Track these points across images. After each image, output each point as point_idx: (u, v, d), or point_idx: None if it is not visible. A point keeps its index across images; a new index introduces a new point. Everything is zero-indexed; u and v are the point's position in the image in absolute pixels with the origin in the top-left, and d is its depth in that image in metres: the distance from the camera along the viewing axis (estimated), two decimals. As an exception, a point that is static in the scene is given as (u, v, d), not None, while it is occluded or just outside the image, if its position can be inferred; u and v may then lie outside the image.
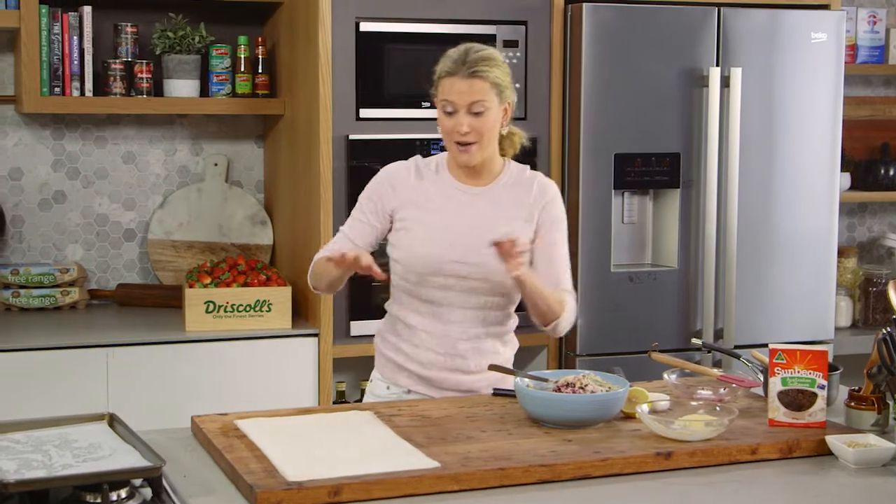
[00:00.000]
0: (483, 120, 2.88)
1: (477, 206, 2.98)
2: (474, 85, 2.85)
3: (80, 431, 2.49)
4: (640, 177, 4.32)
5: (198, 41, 4.31)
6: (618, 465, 2.44)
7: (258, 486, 2.23)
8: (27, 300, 4.34)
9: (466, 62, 2.86)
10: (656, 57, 4.29)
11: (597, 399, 2.63)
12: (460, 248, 2.92)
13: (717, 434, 2.56)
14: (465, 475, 2.33)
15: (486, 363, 2.98)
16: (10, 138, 4.41)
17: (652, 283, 4.35)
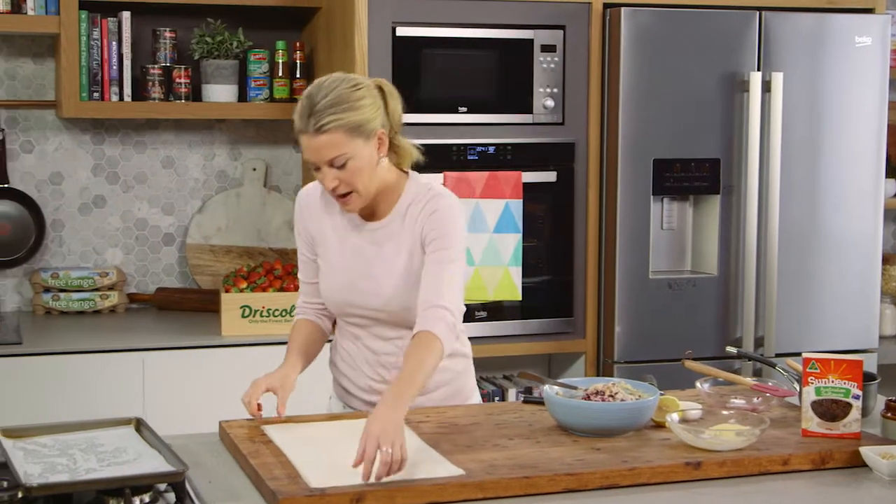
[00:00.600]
0: (349, 170, 2.62)
1: (375, 245, 2.78)
2: (325, 141, 2.59)
3: (106, 436, 2.50)
4: (680, 182, 4.27)
5: (236, 46, 4.31)
6: (645, 474, 2.41)
7: (280, 493, 2.22)
8: (67, 304, 4.36)
9: (312, 115, 2.59)
10: (696, 61, 4.24)
11: (626, 407, 2.60)
12: (360, 292, 2.78)
13: (748, 444, 2.52)
14: (490, 483, 2.31)
15: (430, 384, 2.80)
16: (51, 143, 4.44)
17: (691, 290, 4.30)
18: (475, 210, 4.08)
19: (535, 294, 4.28)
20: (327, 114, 2.58)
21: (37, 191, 4.43)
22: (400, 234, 2.76)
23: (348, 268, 2.80)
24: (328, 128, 2.58)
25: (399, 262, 2.76)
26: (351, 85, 2.64)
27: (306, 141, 2.62)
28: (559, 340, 4.31)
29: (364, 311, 2.81)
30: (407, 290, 2.74)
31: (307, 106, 2.61)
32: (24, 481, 2.16)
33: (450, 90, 4.14)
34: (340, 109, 2.59)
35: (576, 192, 4.27)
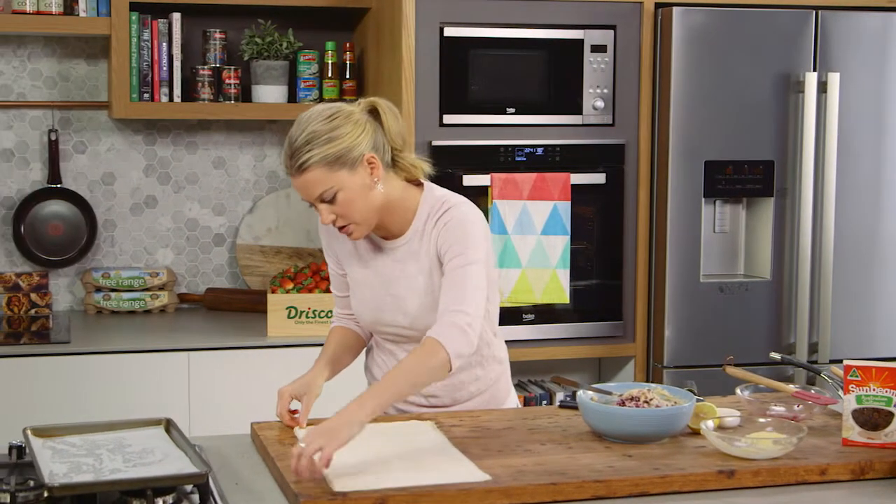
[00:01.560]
0: (341, 202, 2.58)
1: (396, 263, 2.74)
2: (308, 179, 2.56)
3: (135, 436, 2.50)
4: (732, 185, 4.20)
5: (285, 47, 4.32)
6: (677, 482, 2.36)
7: (302, 496, 2.20)
8: (117, 303, 4.39)
9: (292, 155, 2.56)
10: (749, 62, 4.17)
11: (659, 414, 2.55)
12: (386, 311, 2.76)
13: (785, 453, 2.46)
14: (516, 489, 2.28)
15: (462, 395, 2.82)
16: (104, 143, 4.47)
17: (743, 294, 4.23)
18: (522, 212, 4.04)
19: (584, 297, 4.24)
20: (304, 151, 2.55)
21: (89, 191, 4.47)
22: (419, 252, 2.71)
23: (372, 287, 2.77)
24: (307, 165, 2.55)
25: (420, 280, 2.71)
26: (325, 117, 2.59)
27: (293, 181, 2.61)
28: (608, 344, 4.26)
29: (392, 329, 2.78)
30: (431, 307, 2.68)
31: (287, 147, 2.59)
32: (48, 481, 2.16)
33: (498, 91, 4.10)
34: (316, 145, 2.55)
35: (626, 194, 4.21)
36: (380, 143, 2.64)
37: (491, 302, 2.79)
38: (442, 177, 3.95)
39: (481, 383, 2.85)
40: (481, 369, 2.84)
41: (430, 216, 2.70)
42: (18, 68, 4.37)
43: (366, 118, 2.63)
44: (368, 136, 2.60)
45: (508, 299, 4.07)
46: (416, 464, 2.41)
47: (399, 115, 2.72)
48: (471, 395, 2.85)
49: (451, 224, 2.66)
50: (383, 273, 2.76)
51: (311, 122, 2.58)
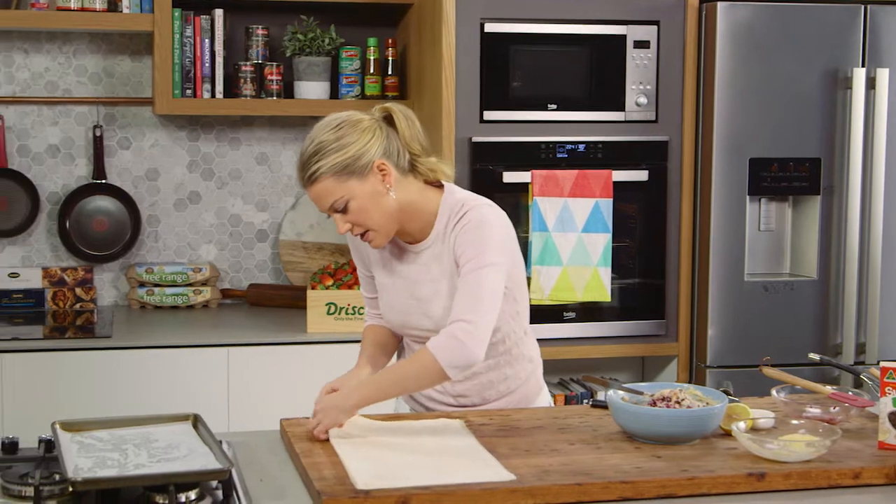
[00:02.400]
0: (353, 211, 2.59)
1: (419, 266, 2.72)
2: (319, 190, 2.58)
3: (162, 431, 2.50)
4: (777, 182, 4.14)
5: (328, 43, 4.31)
6: (705, 484, 2.32)
7: (325, 494, 2.19)
8: (161, 298, 4.41)
9: (302, 168, 2.60)
10: (795, 57, 4.11)
11: (690, 415, 2.51)
12: (411, 315, 2.75)
13: (818, 455, 2.41)
14: (541, 489, 2.25)
15: (492, 393, 2.82)
16: (148, 139, 4.49)
17: (788, 294, 4.17)
18: (563, 209, 4.01)
19: (626, 295, 4.20)
20: (312, 163, 2.57)
21: (133, 187, 4.49)
22: (442, 255, 2.69)
23: (398, 291, 2.77)
24: (316, 176, 2.57)
25: (444, 284, 2.69)
26: (333, 127, 2.60)
27: (308, 192, 2.63)
28: (651, 343, 4.22)
29: (419, 332, 2.77)
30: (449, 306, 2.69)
31: (299, 160, 2.63)
32: (71, 475, 2.16)
33: (539, 87, 4.07)
34: (323, 156, 2.56)
35: (669, 192, 4.17)
36: (393, 150, 2.63)
37: (519, 302, 2.78)
38: (482, 174, 3.98)
39: (511, 382, 2.83)
40: (510, 368, 2.82)
41: (451, 219, 2.68)
42: (64, 65, 4.41)
43: (376, 125, 2.63)
44: (378, 143, 2.60)
45: (549, 297, 4.04)
46: (442, 462, 2.39)
47: (415, 120, 2.71)
48: (500, 393, 2.83)
49: (468, 227, 2.63)
50: (408, 277, 2.75)
51: (319, 132, 2.60)
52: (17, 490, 2.21)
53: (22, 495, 2.20)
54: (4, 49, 4.36)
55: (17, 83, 4.38)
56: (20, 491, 2.21)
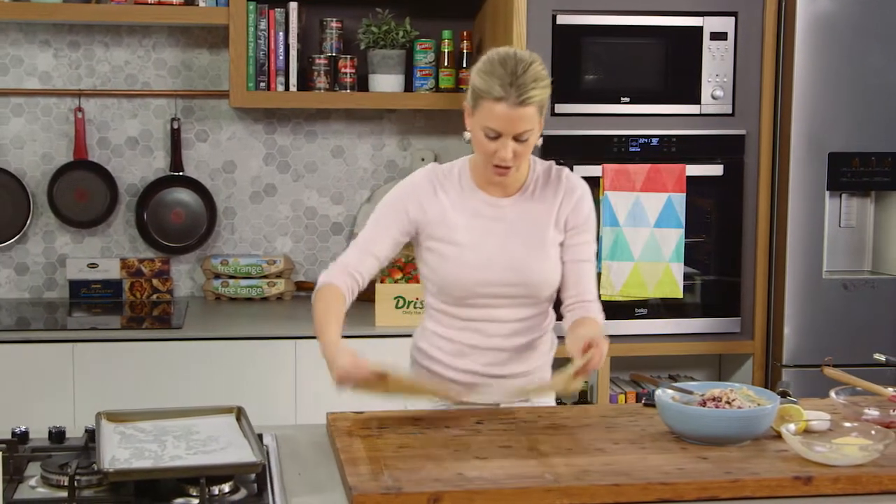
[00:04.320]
0: (527, 145, 2.65)
1: (507, 220, 2.78)
2: (524, 114, 2.59)
3: (205, 423, 2.50)
4: (858, 178, 4.03)
5: (402, 36, 4.30)
6: (749, 487, 2.25)
7: (356, 489, 2.18)
8: (235, 290, 4.44)
9: (515, 85, 2.57)
10: (879, 49, 3.99)
11: (738, 415, 2.44)
12: (495, 269, 2.75)
13: (870, 460, 2.33)
14: (576, 489, 2.21)
15: (525, 368, 2.84)
16: (225, 132, 4.53)
17: (869, 292, 4.05)
18: (635, 204, 3.94)
19: (700, 292, 4.12)
20: (530, 87, 2.59)
21: (210, 179, 4.53)
22: (533, 213, 2.78)
23: (479, 246, 2.76)
24: (531, 101, 2.59)
25: (536, 236, 2.77)
26: (539, 62, 2.66)
27: (502, 110, 2.59)
28: (725, 341, 4.13)
29: (497, 289, 2.76)
30: (545, 263, 2.77)
31: (508, 74, 2.59)
32: (106, 466, 2.18)
33: (612, 80, 4.01)
34: (540, 86, 2.61)
35: (745, 187, 4.07)
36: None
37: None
38: (552, 167, 3.91)
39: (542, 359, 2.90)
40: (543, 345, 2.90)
41: (542, 176, 2.80)
42: (143, 58, 4.46)
43: None
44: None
45: (620, 293, 3.98)
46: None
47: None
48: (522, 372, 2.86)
49: (587, 202, 2.82)
50: (493, 231, 2.77)
51: (531, 62, 2.63)
52: (54, 479, 2.24)
53: (60, 484, 2.22)
54: (86, 43, 4.42)
55: (97, 76, 4.45)
56: (58, 480, 2.23)
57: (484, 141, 2.65)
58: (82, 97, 4.43)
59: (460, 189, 2.80)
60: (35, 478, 2.27)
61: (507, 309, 2.80)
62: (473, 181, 2.80)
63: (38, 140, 4.43)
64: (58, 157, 4.44)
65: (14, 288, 4.47)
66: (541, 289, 2.78)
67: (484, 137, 2.64)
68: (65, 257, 4.47)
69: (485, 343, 2.81)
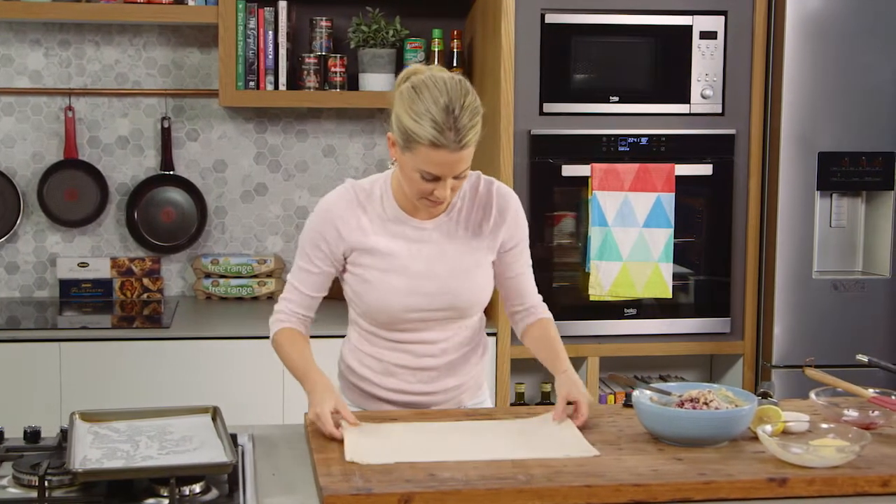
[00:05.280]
0: (462, 178, 2.55)
1: (432, 242, 2.67)
2: (465, 156, 2.47)
3: (180, 423, 2.49)
4: (848, 177, 4.01)
5: (392, 35, 4.29)
6: (723, 489, 2.24)
7: (326, 490, 2.17)
8: (225, 290, 4.44)
9: (454, 129, 2.43)
10: (869, 48, 3.97)
11: (713, 416, 2.42)
12: (421, 294, 2.66)
13: (847, 461, 2.31)
14: (548, 490, 2.19)
15: (457, 382, 2.78)
16: (216, 131, 4.52)
17: (859, 293, 4.04)
18: (623, 203, 3.93)
19: (690, 292, 4.11)
20: (469, 128, 2.47)
21: (201, 178, 4.52)
22: (461, 233, 2.69)
23: (407, 271, 2.66)
24: (470, 143, 2.48)
25: (463, 258, 2.69)
26: (471, 91, 2.52)
27: (443, 156, 2.46)
28: (715, 341, 4.11)
29: (424, 314, 2.69)
30: (473, 285, 2.70)
31: (444, 117, 2.44)
32: (76, 466, 2.17)
33: (601, 79, 4.00)
34: (477, 121, 2.50)
35: (735, 186, 4.06)
36: None
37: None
38: (541, 167, 3.93)
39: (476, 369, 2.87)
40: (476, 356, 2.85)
41: (474, 198, 2.71)
42: (134, 57, 4.45)
43: None
44: None
45: (609, 293, 3.96)
46: (447, 453, 2.38)
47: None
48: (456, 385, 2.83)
49: (520, 214, 2.76)
50: (420, 254, 2.67)
51: (464, 94, 2.48)
52: (26, 479, 2.23)
53: (31, 484, 2.21)
54: (76, 42, 4.42)
55: (87, 75, 4.44)
56: (29, 480, 2.22)
57: (419, 181, 2.52)
58: (73, 96, 4.43)
59: (382, 211, 2.68)
60: (7, 478, 2.27)
61: (437, 330, 2.72)
62: (396, 202, 2.68)
63: (28, 139, 4.43)
64: (48, 156, 4.44)
65: (4, 287, 4.47)
66: (470, 310, 2.72)
67: (419, 178, 2.51)
68: (55, 256, 4.47)
69: (415, 363, 2.75)
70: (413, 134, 2.47)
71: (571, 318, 3.96)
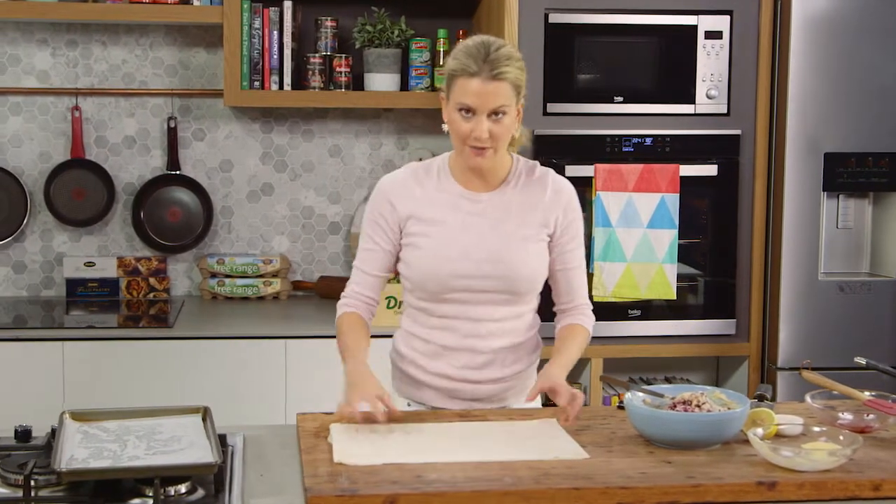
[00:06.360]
0: (502, 124, 2.64)
1: (486, 213, 2.76)
2: (497, 88, 2.61)
3: (169, 423, 2.49)
4: (854, 178, 3.98)
5: (397, 35, 4.28)
6: (711, 492, 2.22)
7: (310, 491, 2.16)
8: (231, 289, 4.44)
9: (488, 61, 2.60)
10: (876, 47, 3.94)
11: (704, 419, 2.41)
12: (472, 261, 2.73)
13: (837, 465, 2.29)
14: (535, 492, 2.18)
15: (507, 372, 2.81)
16: (222, 131, 4.52)
17: (865, 294, 4.01)
18: (627, 204, 3.91)
19: (695, 293, 4.08)
20: (504, 63, 2.61)
21: (207, 178, 4.52)
22: (514, 207, 2.76)
23: (457, 238, 2.75)
24: (504, 76, 2.61)
25: (516, 229, 2.75)
26: (513, 47, 2.70)
27: (477, 85, 2.61)
28: (720, 343, 4.09)
29: (473, 282, 2.74)
30: (524, 256, 2.75)
31: (481, 52, 2.62)
32: (61, 466, 2.17)
33: (605, 79, 3.98)
34: (514, 65, 2.63)
35: (740, 187, 4.03)
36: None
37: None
38: (546, 166, 3.88)
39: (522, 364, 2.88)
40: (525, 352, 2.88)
41: (525, 174, 2.80)
42: (141, 57, 4.46)
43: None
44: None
45: (612, 294, 3.94)
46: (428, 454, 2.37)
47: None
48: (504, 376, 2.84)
49: (575, 205, 2.83)
50: (473, 225, 2.75)
51: (504, 44, 2.66)
52: (12, 479, 2.23)
53: (18, 484, 2.21)
54: (83, 42, 4.43)
55: (94, 75, 4.45)
56: (16, 479, 2.22)
57: (459, 121, 2.65)
58: (80, 96, 4.44)
59: (438, 183, 2.80)
60: (-6, 477, 2.27)
61: (485, 306, 2.77)
62: (452, 175, 2.80)
63: (35, 139, 4.44)
64: (55, 156, 4.45)
65: (11, 286, 4.48)
66: (518, 283, 2.75)
67: (459, 118, 2.65)
68: (62, 256, 4.48)
69: (459, 343, 2.79)
70: (453, 70, 2.65)
71: (575, 319, 3.94)
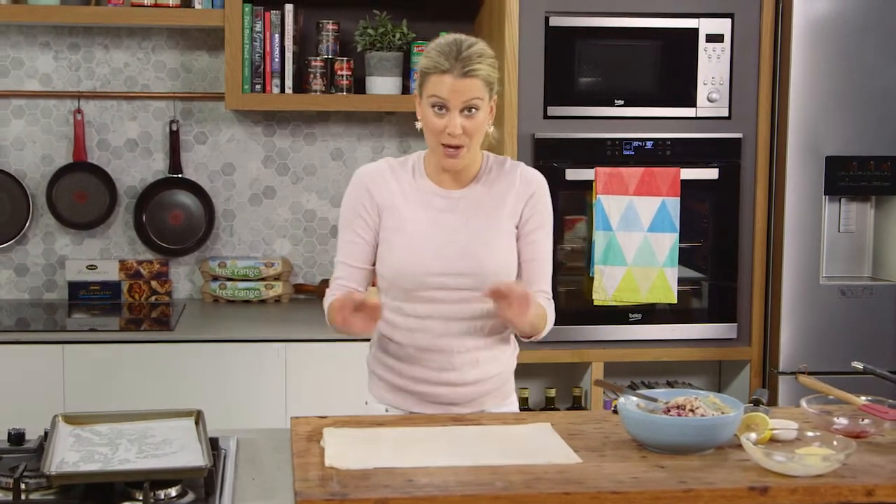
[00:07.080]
0: (475, 120, 2.68)
1: (458, 210, 2.78)
2: (469, 84, 2.65)
3: (162, 426, 2.49)
4: (856, 182, 3.97)
5: (398, 38, 4.27)
6: (703, 497, 2.21)
7: (300, 495, 2.16)
8: (233, 293, 4.44)
9: (460, 59, 2.64)
10: (877, 50, 3.93)
11: (697, 423, 2.40)
12: (443, 259, 2.74)
13: (831, 470, 2.28)
14: (525, 497, 2.18)
15: (482, 374, 2.80)
16: (224, 134, 4.53)
17: (867, 299, 3.99)
18: (628, 207, 3.90)
19: (696, 297, 4.07)
20: (476, 60, 2.66)
21: (209, 181, 4.53)
22: (485, 204, 2.78)
23: (429, 235, 2.77)
24: (476, 73, 2.66)
25: (487, 226, 2.77)
26: (486, 45, 2.74)
27: (449, 81, 2.65)
28: (722, 347, 4.08)
29: (447, 280, 2.74)
30: (496, 252, 2.76)
31: (453, 50, 2.66)
32: (51, 469, 2.17)
33: (606, 82, 3.97)
34: (485, 60, 2.68)
35: (742, 191, 4.02)
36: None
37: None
38: (544, 170, 3.83)
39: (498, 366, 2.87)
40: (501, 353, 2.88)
41: (495, 169, 2.83)
42: (143, 60, 4.47)
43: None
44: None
45: (613, 297, 3.94)
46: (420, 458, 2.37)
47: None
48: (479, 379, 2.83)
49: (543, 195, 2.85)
50: (444, 222, 2.77)
51: (476, 42, 2.71)
52: (3, 482, 2.23)
53: (8, 487, 2.22)
54: (85, 45, 4.44)
55: (97, 78, 4.46)
56: (6, 483, 2.22)
57: (432, 117, 2.68)
58: (82, 99, 4.44)
59: (412, 179, 2.82)
60: (-16, 480, 2.27)
61: (458, 305, 2.76)
62: (426, 172, 2.82)
63: (38, 142, 4.45)
64: (57, 159, 4.46)
65: (13, 289, 4.49)
66: (490, 279, 2.71)
67: (432, 114, 2.68)
68: (64, 259, 4.48)
69: (433, 344, 2.78)
70: (425, 68, 2.69)
71: (575, 323, 3.95)
